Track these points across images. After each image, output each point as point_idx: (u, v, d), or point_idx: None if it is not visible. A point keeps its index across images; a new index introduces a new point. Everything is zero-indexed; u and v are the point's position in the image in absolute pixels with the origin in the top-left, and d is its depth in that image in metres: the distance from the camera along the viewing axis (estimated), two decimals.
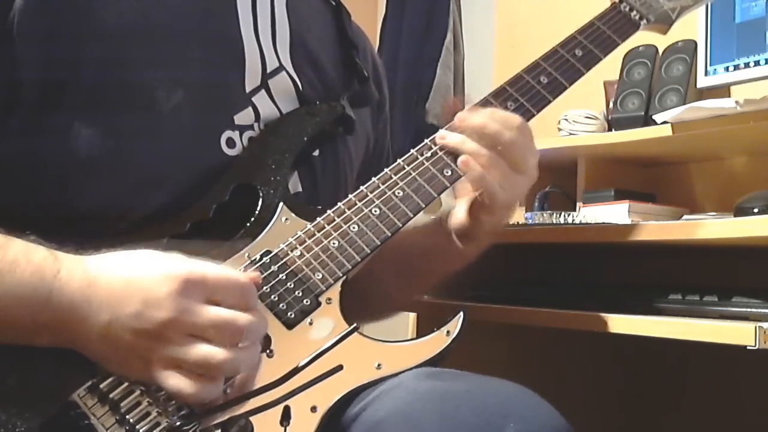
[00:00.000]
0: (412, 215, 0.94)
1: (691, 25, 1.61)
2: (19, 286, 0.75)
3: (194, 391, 0.76)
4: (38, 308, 0.75)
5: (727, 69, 1.62)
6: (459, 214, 1.03)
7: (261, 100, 0.97)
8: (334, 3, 1.13)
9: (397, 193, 0.94)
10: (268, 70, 0.98)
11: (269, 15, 1.01)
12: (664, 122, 1.54)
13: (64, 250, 0.78)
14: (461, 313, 0.90)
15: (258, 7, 1.00)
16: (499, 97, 1.03)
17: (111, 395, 0.77)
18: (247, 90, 0.96)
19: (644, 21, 1.14)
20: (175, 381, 0.76)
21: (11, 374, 0.76)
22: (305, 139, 0.97)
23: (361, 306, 0.96)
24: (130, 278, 0.77)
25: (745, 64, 1.59)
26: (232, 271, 0.82)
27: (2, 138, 0.84)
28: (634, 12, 1.14)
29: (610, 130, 1.80)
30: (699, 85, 1.66)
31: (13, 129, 0.84)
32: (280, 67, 1.00)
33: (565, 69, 1.06)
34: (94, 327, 0.75)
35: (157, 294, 0.75)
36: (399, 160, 0.97)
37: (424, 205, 0.95)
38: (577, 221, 1.63)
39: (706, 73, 1.65)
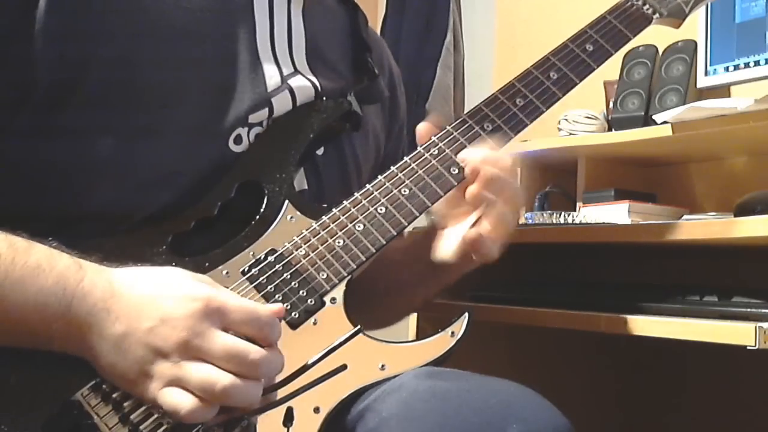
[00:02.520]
0: (418, 214, 0.93)
1: (691, 25, 1.60)
2: (42, 293, 0.74)
3: (190, 409, 0.73)
4: (57, 316, 0.74)
5: (727, 69, 1.62)
6: (444, 253, 0.97)
7: (281, 99, 0.96)
8: (350, 6, 1.12)
9: (403, 192, 0.93)
10: (285, 73, 0.97)
11: (286, 20, 1.00)
12: (664, 122, 1.54)
13: (89, 260, 0.78)
14: (466, 315, 0.90)
15: (275, 13, 0.99)
16: (507, 93, 1.01)
17: (114, 395, 0.76)
18: (269, 89, 0.95)
19: (657, 15, 1.12)
20: (174, 396, 0.74)
21: (14, 373, 0.76)
22: (311, 135, 0.96)
23: (365, 312, 0.95)
24: (152, 294, 0.76)
25: (745, 64, 1.59)
26: (254, 303, 0.81)
27: (12, 137, 0.84)
28: (647, 6, 1.11)
29: (610, 130, 1.80)
30: (699, 85, 1.66)
31: (23, 128, 0.84)
32: (296, 71, 0.99)
33: (575, 65, 1.04)
34: (109, 337, 0.75)
35: (175, 314, 0.75)
36: (405, 158, 0.96)
37: (430, 204, 0.93)
38: (577, 221, 1.63)
39: (706, 73, 1.65)
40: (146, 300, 0.76)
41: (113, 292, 0.76)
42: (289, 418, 0.80)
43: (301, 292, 0.87)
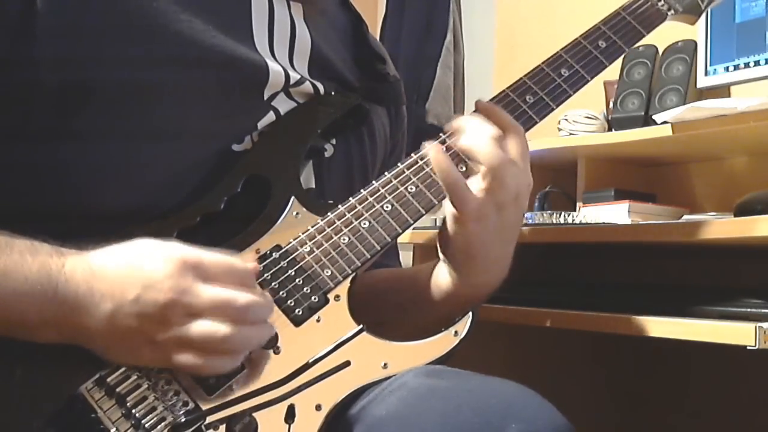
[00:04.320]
0: (424, 212, 0.92)
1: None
2: (27, 283, 0.75)
3: (206, 365, 0.76)
4: (45, 303, 0.75)
5: (727, 69, 1.62)
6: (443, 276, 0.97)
7: (281, 102, 0.95)
8: (353, 13, 1.11)
9: (409, 189, 0.92)
10: (291, 82, 0.96)
11: (288, 29, 0.99)
12: (664, 122, 1.54)
13: (66, 246, 0.78)
14: (470, 314, 0.89)
15: (276, 21, 0.98)
16: (518, 91, 0.99)
17: (118, 389, 0.77)
18: (266, 97, 0.94)
19: (672, 11, 1.09)
20: (186, 358, 0.76)
21: (18, 367, 0.76)
22: (319, 130, 0.96)
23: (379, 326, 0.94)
24: (129, 266, 0.77)
25: (745, 64, 1.59)
26: (228, 256, 0.82)
27: (22, 139, 0.84)
28: (662, 2, 1.09)
29: (610, 130, 1.81)
30: (699, 85, 1.67)
31: (32, 131, 0.84)
32: (302, 79, 0.98)
33: (587, 61, 1.02)
34: (98, 318, 0.76)
35: (155, 277, 0.76)
36: (413, 155, 0.94)
37: (437, 202, 0.92)
38: (577, 221, 1.63)
39: (706, 73, 1.65)
40: (124, 273, 0.77)
41: (93, 273, 0.77)
42: (290, 415, 0.80)
43: (305, 289, 0.86)
